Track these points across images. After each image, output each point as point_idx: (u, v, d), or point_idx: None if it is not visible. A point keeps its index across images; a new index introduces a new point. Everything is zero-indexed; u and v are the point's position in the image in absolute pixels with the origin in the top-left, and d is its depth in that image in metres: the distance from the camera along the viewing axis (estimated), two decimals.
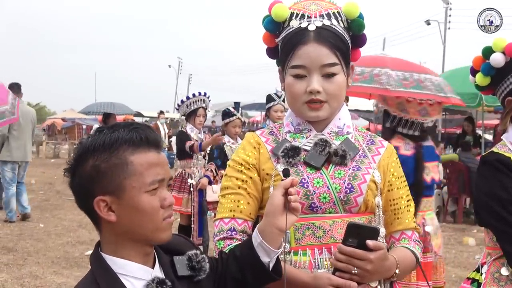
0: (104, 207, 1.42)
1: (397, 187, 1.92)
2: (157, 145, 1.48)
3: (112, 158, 1.42)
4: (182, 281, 1.53)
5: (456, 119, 18.81)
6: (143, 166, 1.43)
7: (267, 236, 1.59)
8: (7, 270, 6.39)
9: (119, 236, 1.46)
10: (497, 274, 2.21)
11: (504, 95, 2.29)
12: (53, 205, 11.10)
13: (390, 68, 4.11)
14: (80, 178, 1.44)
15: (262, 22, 1.91)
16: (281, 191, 1.59)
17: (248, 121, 31.63)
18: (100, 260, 1.46)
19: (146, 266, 1.49)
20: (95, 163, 1.42)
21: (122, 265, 1.45)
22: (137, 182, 1.42)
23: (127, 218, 1.43)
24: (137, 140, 1.44)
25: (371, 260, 1.67)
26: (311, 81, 1.80)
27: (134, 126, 1.47)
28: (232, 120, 6.69)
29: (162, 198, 1.46)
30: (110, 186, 1.42)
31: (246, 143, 1.92)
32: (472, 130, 12.42)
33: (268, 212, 1.61)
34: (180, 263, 1.55)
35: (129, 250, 1.46)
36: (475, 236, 8.64)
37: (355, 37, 1.89)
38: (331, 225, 1.79)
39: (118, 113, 16.43)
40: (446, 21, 34.95)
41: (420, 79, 4.09)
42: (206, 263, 1.58)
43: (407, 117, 4.00)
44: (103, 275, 1.44)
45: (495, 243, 2.23)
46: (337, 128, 1.90)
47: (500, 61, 2.26)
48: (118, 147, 1.42)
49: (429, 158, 4.19)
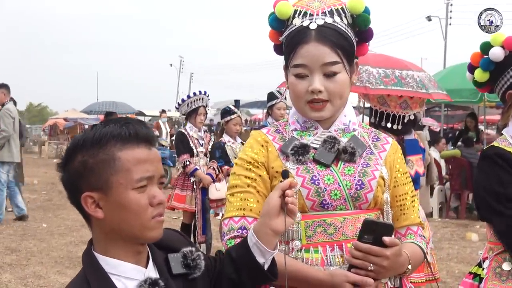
0: (91, 203, 1.40)
1: (403, 183, 1.93)
2: (148, 141, 1.44)
3: (100, 153, 1.39)
4: (177, 279, 1.51)
5: (458, 115, 18.80)
6: (131, 162, 1.40)
7: (262, 237, 1.57)
8: (10, 270, 6.40)
9: (108, 234, 1.43)
10: (498, 269, 2.21)
11: (505, 89, 2.28)
12: (55, 205, 11.11)
13: (371, 65, 4.10)
14: (69, 174, 1.43)
15: (267, 19, 1.91)
16: (278, 193, 1.58)
17: (250, 119, 31.64)
18: (92, 260, 1.44)
19: (139, 266, 1.46)
20: (83, 158, 1.40)
21: (115, 266, 1.43)
22: (124, 179, 1.39)
23: (114, 215, 1.40)
24: (125, 136, 1.41)
25: (387, 256, 1.67)
26: (313, 80, 1.80)
27: (125, 122, 1.44)
28: (233, 118, 6.70)
29: (151, 195, 1.42)
30: (97, 182, 1.39)
31: (254, 141, 1.91)
32: (474, 126, 12.41)
33: (264, 213, 1.60)
34: (174, 260, 1.52)
35: (120, 248, 1.43)
36: (478, 232, 8.62)
37: (361, 32, 1.89)
38: (342, 222, 1.79)
39: (120, 112, 16.45)
40: (447, 17, 34.87)
41: (401, 76, 4.09)
42: (201, 260, 1.54)
43: (388, 110, 4.02)
44: (95, 275, 1.41)
45: (496, 238, 2.23)
46: (343, 125, 1.90)
47: (500, 55, 2.25)
48: (106, 143, 1.40)
49: (412, 151, 4.21)
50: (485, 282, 2.22)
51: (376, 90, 3.99)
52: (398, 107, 4.03)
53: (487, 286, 2.21)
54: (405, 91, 4.02)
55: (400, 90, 4.01)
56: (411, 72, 4.20)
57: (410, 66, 4.37)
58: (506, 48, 2.25)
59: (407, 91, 4.02)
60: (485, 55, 2.31)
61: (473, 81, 2.40)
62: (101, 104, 18.15)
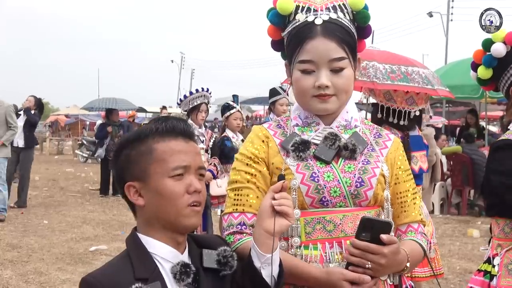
0: (134, 192, 1.56)
1: (404, 180, 1.92)
2: (186, 135, 1.59)
3: (140, 146, 1.56)
4: (207, 272, 1.58)
5: (459, 111, 18.78)
6: (167, 152, 1.54)
7: (257, 238, 1.62)
8: (11, 266, 6.40)
9: (149, 221, 1.56)
10: (511, 266, 2.19)
11: (509, 85, 2.27)
12: (57, 202, 11.12)
13: (378, 61, 4.11)
14: (117, 168, 1.59)
15: (266, 15, 1.89)
16: (271, 195, 1.63)
17: (251, 115, 31.60)
18: (135, 239, 1.58)
19: (176, 251, 1.57)
20: (127, 152, 1.57)
21: (154, 246, 1.55)
22: (161, 168, 1.53)
23: (153, 202, 1.54)
24: (162, 130, 1.56)
25: (385, 254, 1.66)
26: (320, 76, 1.79)
27: (165, 119, 1.59)
28: (233, 112, 6.70)
29: (188, 184, 1.54)
30: (138, 172, 1.55)
31: (254, 137, 1.90)
32: (475, 122, 12.39)
33: (258, 214, 1.66)
34: (208, 255, 1.61)
35: (160, 234, 1.56)
36: (479, 228, 8.63)
37: (360, 28, 1.88)
38: (342, 219, 1.79)
39: (121, 108, 16.40)
40: (449, 13, 34.81)
41: (407, 72, 4.11)
42: (234, 260, 1.62)
43: (394, 106, 4.03)
44: (136, 251, 1.55)
45: (506, 234, 2.21)
46: (345, 121, 1.89)
47: (502, 50, 2.24)
48: (146, 137, 1.56)
49: (416, 147, 4.22)
50: (499, 279, 2.20)
51: (383, 85, 4.00)
52: (404, 103, 4.04)
53: (501, 283, 2.19)
54: (412, 87, 4.03)
55: (407, 86, 4.03)
56: (416, 68, 4.21)
57: (415, 63, 4.38)
58: (507, 43, 2.24)
59: (413, 87, 4.03)
60: (487, 52, 2.30)
61: (477, 79, 2.39)
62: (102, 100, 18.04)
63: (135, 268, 1.50)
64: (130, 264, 1.51)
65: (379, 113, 4.12)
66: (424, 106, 4.22)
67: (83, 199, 11.68)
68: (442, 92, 4.36)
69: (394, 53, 4.53)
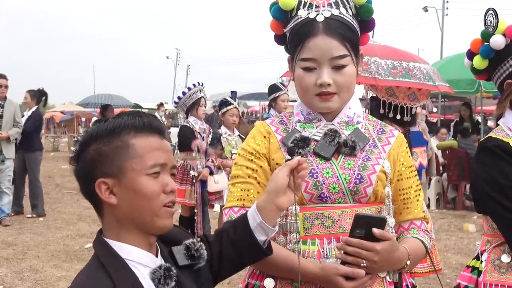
0: (105, 190, 1.43)
1: (407, 177, 1.91)
2: (160, 132, 1.49)
3: (114, 141, 1.44)
4: (184, 270, 1.53)
5: (455, 106, 18.79)
6: (145, 149, 1.44)
7: (266, 214, 1.58)
8: (7, 264, 6.38)
9: (121, 221, 1.45)
10: (497, 262, 2.18)
11: (503, 78, 2.25)
12: (52, 199, 11.08)
13: (379, 56, 4.10)
14: (83, 163, 1.46)
15: (269, 10, 1.89)
16: (287, 171, 1.59)
17: (246, 111, 31.57)
18: (105, 246, 1.45)
19: (151, 254, 1.48)
20: (97, 146, 1.44)
21: (128, 251, 1.44)
22: (138, 165, 1.43)
23: (127, 201, 1.43)
24: (139, 125, 1.46)
25: (377, 251, 1.65)
26: (321, 74, 1.78)
27: (138, 113, 1.49)
28: (229, 109, 6.68)
29: (164, 183, 1.45)
30: (111, 168, 1.43)
31: (256, 132, 1.91)
32: (469, 116, 12.38)
33: (270, 190, 1.60)
34: (179, 253, 1.55)
35: (132, 236, 1.46)
36: (475, 223, 8.64)
37: (363, 22, 1.87)
38: (340, 215, 1.79)
39: (116, 105, 16.41)
40: (444, 7, 34.87)
41: (408, 68, 4.09)
42: (204, 250, 1.57)
43: (396, 102, 4.02)
44: (110, 260, 1.43)
45: (494, 230, 2.20)
46: (347, 117, 1.88)
47: (501, 43, 2.22)
48: (120, 131, 1.44)
49: (416, 143, 4.22)
50: (484, 275, 2.20)
51: (385, 82, 3.98)
52: (406, 99, 4.02)
53: (486, 278, 2.19)
54: (413, 83, 4.01)
55: (409, 82, 4.01)
56: (417, 64, 4.20)
57: (415, 58, 4.37)
58: (507, 36, 2.22)
59: (415, 83, 4.01)
60: (485, 42, 2.27)
61: (471, 68, 2.36)
62: (97, 97, 18.08)
63: (114, 280, 1.39)
64: (107, 275, 1.39)
65: (381, 109, 4.10)
66: (425, 101, 4.21)
67: (78, 196, 11.60)
68: (443, 88, 4.36)
69: (395, 47, 4.52)
